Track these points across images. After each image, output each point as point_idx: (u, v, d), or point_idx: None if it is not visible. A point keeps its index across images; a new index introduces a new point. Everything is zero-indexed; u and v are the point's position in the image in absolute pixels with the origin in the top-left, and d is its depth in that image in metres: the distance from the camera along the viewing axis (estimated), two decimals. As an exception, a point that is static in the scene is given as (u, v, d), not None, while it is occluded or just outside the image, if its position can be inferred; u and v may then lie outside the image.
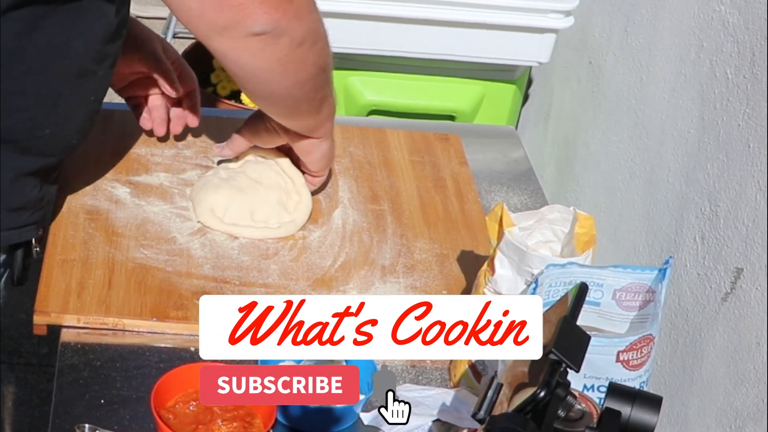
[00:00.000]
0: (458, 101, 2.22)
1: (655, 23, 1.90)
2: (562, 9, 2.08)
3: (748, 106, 1.56)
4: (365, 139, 1.72)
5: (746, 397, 1.50)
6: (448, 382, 1.30)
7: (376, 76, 2.19)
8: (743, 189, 1.55)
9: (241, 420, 1.15)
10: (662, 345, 1.70)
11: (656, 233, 1.82)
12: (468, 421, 1.17)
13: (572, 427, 0.98)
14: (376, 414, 1.23)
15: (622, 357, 1.12)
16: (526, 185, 1.70)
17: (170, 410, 1.15)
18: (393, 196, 1.59)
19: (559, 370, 0.92)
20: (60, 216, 1.42)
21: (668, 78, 1.83)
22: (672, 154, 1.78)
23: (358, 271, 1.43)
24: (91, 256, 1.37)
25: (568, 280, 1.17)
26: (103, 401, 1.20)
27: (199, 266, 1.39)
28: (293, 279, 1.40)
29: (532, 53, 2.14)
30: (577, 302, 0.98)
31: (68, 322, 1.29)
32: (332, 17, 2.04)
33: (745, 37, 1.59)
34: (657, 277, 1.17)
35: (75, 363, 1.25)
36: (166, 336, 1.30)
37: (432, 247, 1.50)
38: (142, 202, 1.47)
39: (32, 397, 2.43)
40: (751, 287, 1.51)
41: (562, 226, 1.30)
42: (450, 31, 2.09)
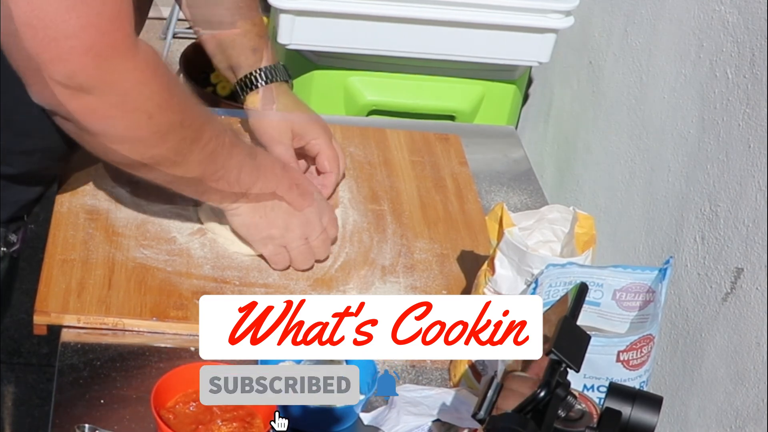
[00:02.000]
0: (458, 101, 2.22)
1: (655, 23, 1.90)
2: (562, 9, 2.08)
3: (748, 106, 1.56)
4: (365, 139, 1.72)
5: (746, 397, 1.50)
6: (448, 382, 1.30)
7: (376, 76, 2.19)
8: (743, 189, 1.55)
9: (241, 420, 1.15)
10: (662, 345, 1.70)
11: (656, 233, 1.82)
12: (468, 421, 1.17)
13: (572, 427, 0.98)
14: (376, 414, 1.23)
15: (622, 357, 1.12)
16: (526, 185, 1.70)
17: (170, 410, 1.15)
18: (393, 196, 1.59)
19: (559, 370, 0.92)
20: (60, 216, 1.42)
21: (668, 78, 1.82)
22: (672, 154, 1.78)
23: (358, 271, 1.43)
24: (91, 256, 1.37)
25: (568, 280, 1.17)
26: (103, 401, 1.20)
27: (199, 266, 1.39)
28: (293, 279, 1.40)
29: (532, 53, 2.14)
30: (577, 302, 0.98)
31: (68, 322, 1.29)
32: (332, 17, 2.04)
33: (745, 37, 1.59)
34: (657, 277, 1.17)
35: (75, 363, 1.25)
36: (166, 336, 1.30)
37: (432, 247, 1.50)
38: (142, 202, 1.47)
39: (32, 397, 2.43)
40: (751, 287, 1.51)
41: (562, 226, 1.30)
42: (450, 31, 2.09)
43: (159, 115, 1.16)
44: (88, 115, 1.13)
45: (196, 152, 1.23)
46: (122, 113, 1.14)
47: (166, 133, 1.19)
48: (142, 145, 1.19)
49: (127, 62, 1.11)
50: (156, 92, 1.15)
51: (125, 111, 1.14)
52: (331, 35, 2.07)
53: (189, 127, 1.21)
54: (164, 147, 1.20)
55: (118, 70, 1.10)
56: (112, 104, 1.13)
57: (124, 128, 1.16)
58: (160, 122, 1.17)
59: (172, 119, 1.18)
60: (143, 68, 1.13)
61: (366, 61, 2.17)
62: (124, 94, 1.12)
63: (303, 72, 2.16)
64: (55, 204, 1.44)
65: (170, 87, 1.18)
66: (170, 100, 1.17)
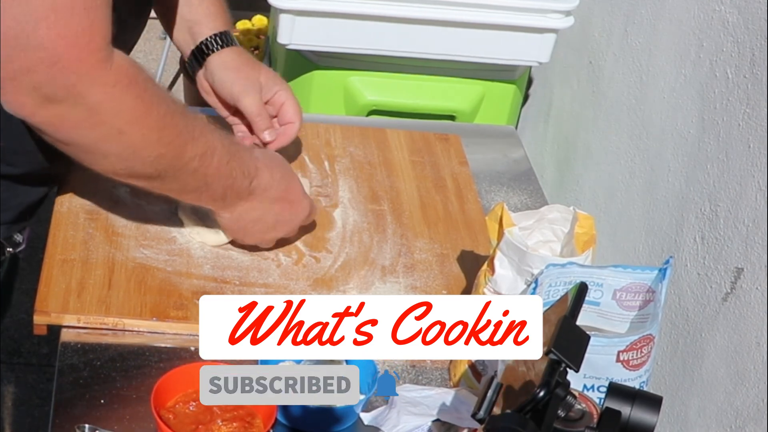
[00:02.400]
0: (458, 101, 2.22)
1: (655, 23, 1.90)
2: (562, 9, 2.08)
3: (748, 106, 1.56)
4: (365, 139, 1.72)
5: (746, 397, 1.50)
6: (448, 382, 1.30)
7: (376, 76, 2.19)
8: (743, 189, 1.55)
9: (241, 420, 1.15)
10: (662, 345, 1.70)
11: (656, 233, 1.82)
12: (468, 421, 1.17)
13: (572, 427, 0.98)
14: (376, 414, 1.23)
15: (622, 357, 1.12)
16: (526, 185, 1.70)
17: (170, 410, 1.15)
18: (393, 196, 1.59)
19: (559, 369, 0.92)
20: (60, 216, 1.42)
21: (668, 78, 1.82)
22: (672, 154, 1.78)
23: (358, 271, 1.43)
24: (91, 256, 1.37)
25: (568, 280, 1.17)
26: (103, 401, 1.20)
27: (199, 266, 1.39)
28: (293, 279, 1.40)
29: (532, 53, 2.14)
30: (577, 302, 0.98)
31: (68, 322, 1.29)
32: (332, 17, 2.04)
33: (745, 37, 1.59)
34: (657, 277, 1.17)
35: (75, 363, 1.25)
36: (166, 336, 1.30)
37: (432, 247, 1.50)
38: (142, 202, 1.47)
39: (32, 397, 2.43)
40: (751, 287, 1.51)
41: (562, 226, 1.30)
42: (450, 31, 2.09)
43: (131, 132, 1.15)
44: (57, 125, 1.12)
45: (177, 170, 1.22)
46: (90, 126, 1.13)
47: (140, 150, 1.18)
48: (115, 159, 1.18)
49: (96, 76, 1.09)
50: (128, 108, 1.14)
51: (93, 124, 1.13)
52: (331, 35, 2.07)
53: (168, 144, 1.19)
54: (137, 162, 1.19)
55: (86, 84, 1.09)
56: (80, 116, 1.11)
57: (93, 141, 1.15)
58: (132, 138, 1.16)
59: (146, 136, 1.17)
60: (113, 83, 1.11)
61: (366, 61, 2.17)
62: (92, 108, 1.11)
63: (303, 72, 2.16)
64: (55, 204, 1.44)
65: (147, 103, 1.16)
66: (145, 117, 1.16)
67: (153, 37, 3.77)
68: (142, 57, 3.69)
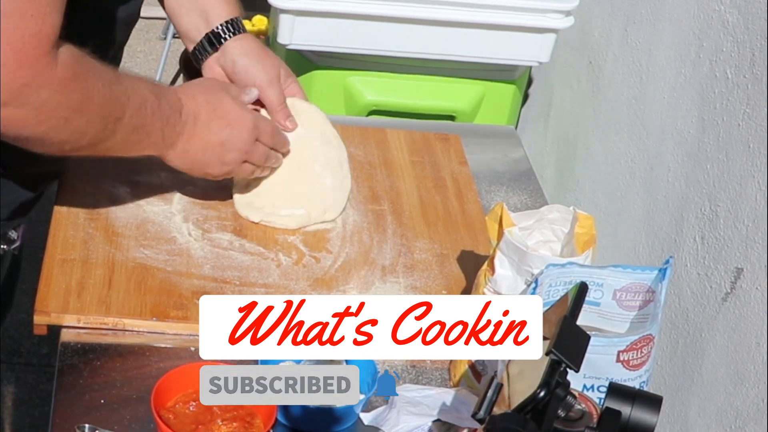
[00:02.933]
0: (458, 101, 2.22)
1: (655, 23, 1.90)
2: (562, 9, 2.08)
3: (748, 106, 1.56)
4: (365, 139, 1.72)
5: (746, 397, 1.50)
6: (448, 382, 1.30)
7: (376, 76, 2.19)
8: (743, 189, 1.55)
9: (241, 420, 1.15)
10: (662, 345, 1.70)
11: (656, 233, 1.82)
12: (468, 421, 1.17)
13: (572, 427, 0.98)
14: (376, 414, 1.23)
15: (622, 357, 1.12)
16: (526, 185, 1.70)
17: (170, 410, 1.15)
18: (393, 196, 1.59)
19: (559, 369, 0.92)
20: (60, 216, 1.42)
21: (668, 78, 1.82)
22: (672, 154, 1.78)
23: (358, 271, 1.43)
24: (91, 256, 1.37)
25: (568, 280, 1.17)
26: (103, 401, 1.20)
27: (199, 266, 1.39)
28: (293, 279, 1.40)
29: (532, 53, 2.14)
30: (577, 302, 0.99)
31: (68, 322, 1.29)
32: (332, 17, 2.04)
33: (745, 37, 1.59)
34: (657, 277, 1.17)
35: (75, 363, 1.25)
36: (166, 336, 1.30)
37: (432, 247, 1.50)
38: (142, 202, 1.47)
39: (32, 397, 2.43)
40: (751, 287, 1.51)
41: (562, 226, 1.30)
42: (450, 31, 2.09)
43: (76, 118, 1.17)
44: (6, 126, 1.13)
45: (119, 132, 1.24)
46: (37, 122, 1.14)
47: (86, 131, 1.20)
48: (62, 143, 1.20)
49: (42, 78, 1.11)
50: (74, 99, 1.16)
51: (39, 121, 1.14)
52: (331, 35, 2.07)
53: (109, 116, 1.21)
54: (83, 140, 1.21)
55: (32, 86, 1.10)
56: (27, 115, 1.13)
57: (41, 134, 1.16)
58: (78, 124, 1.18)
59: (91, 118, 1.19)
60: (59, 81, 1.13)
61: (366, 61, 2.17)
62: (38, 107, 1.13)
63: (303, 72, 2.16)
64: (55, 204, 1.44)
65: (90, 89, 1.17)
66: (89, 103, 1.18)
67: (153, 37, 3.77)
68: (142, 57, 3.69)
